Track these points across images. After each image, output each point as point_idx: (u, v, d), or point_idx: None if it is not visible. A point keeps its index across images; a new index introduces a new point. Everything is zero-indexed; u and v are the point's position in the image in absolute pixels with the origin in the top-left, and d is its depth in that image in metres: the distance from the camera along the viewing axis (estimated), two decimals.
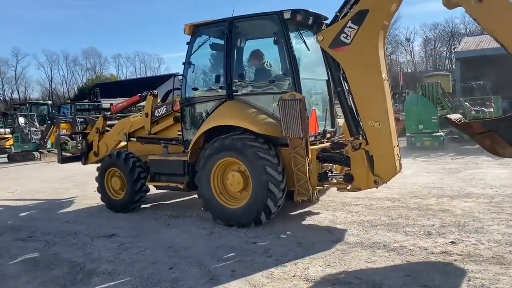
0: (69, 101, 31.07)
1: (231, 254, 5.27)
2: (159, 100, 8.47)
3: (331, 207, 7.33)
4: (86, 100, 28.51)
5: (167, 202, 8.68)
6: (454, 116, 5.81)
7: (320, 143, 6.86)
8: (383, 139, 5.81)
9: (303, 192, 6.29)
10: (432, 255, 4.91)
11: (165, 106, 8.10)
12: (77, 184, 11.56)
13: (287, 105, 6.06)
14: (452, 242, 5.28)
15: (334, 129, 7.39)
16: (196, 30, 7.25)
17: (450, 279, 4.26)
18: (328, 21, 7.25)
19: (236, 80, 6.84)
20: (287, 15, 6.41)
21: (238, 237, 5.95)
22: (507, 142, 4.86)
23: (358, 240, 5.55)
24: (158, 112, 8.16)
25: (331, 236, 5.80)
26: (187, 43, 7.30)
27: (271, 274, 4.61)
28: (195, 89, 7.49)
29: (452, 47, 59.08)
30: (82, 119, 10.83)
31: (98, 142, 9.18)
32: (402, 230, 5.88)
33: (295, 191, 6.34)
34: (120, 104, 9.28)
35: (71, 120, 13.79)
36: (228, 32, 6.84)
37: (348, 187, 6.32)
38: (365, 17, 5.66)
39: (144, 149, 8.30)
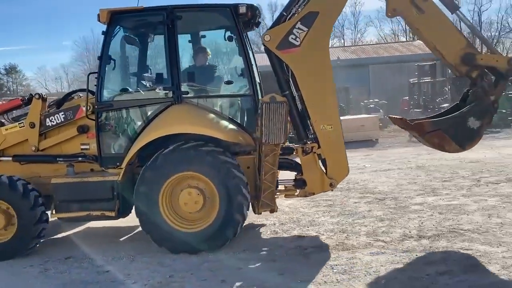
0: None
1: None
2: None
3: None
4: None
5: None
6: (398, 117, 6.00)
7: None
8: (335, 141, 5.71)
9: (266, 203, 5.69)
10: (291, 250, 5.41)
11: (63, 112, 6.21)
12: None
13: (272, 109, 5.25)
14: (299, 237, 5.89)
15: None
16: (116, 17, 5.91)
17: (317, 269, 4.76)
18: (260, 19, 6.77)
19: (186, 81, 5.97)
20: (242, 10, 5.83)
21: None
22: (452, 139, 5.32)
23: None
24: (51, 120, 6.20)
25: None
26: (103, 33, 5.94)
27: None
28: (125, 89, 6.21)
29: None
30: None
31: None
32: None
33: (259, 203, 5.69)
34: None
35: None
36: (170, 23, 5.82)
37: (297, 193, 6.00)
38: (315, 19, 5.53)
39: (23, 172, 6.13)
